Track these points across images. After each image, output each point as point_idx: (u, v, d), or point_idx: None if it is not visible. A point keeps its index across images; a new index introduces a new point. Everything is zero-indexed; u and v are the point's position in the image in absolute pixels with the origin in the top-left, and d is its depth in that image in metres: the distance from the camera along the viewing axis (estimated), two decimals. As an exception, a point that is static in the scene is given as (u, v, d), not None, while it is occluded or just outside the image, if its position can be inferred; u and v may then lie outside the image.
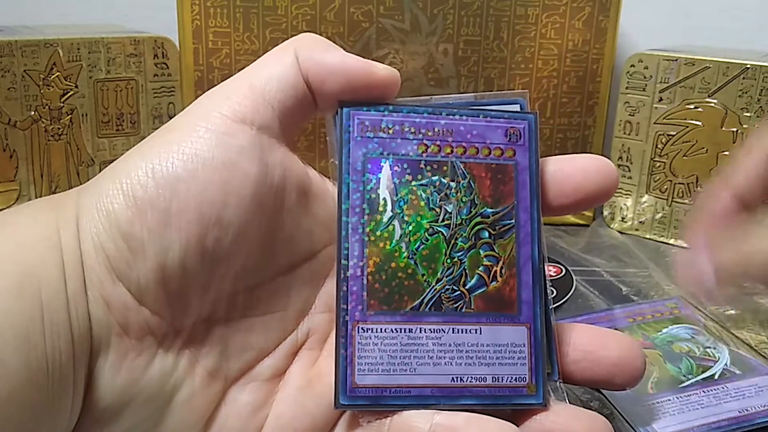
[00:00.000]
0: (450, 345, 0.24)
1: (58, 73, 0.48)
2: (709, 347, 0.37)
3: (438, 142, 0.25)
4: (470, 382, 0.24)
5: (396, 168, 0.25)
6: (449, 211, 0.25)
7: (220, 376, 0.25)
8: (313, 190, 0.26)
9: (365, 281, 0.24)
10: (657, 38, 0.59)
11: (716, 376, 0.34)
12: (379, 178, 0.25)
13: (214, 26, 0.50)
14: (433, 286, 0.25)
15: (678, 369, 0.35)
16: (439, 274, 0.25)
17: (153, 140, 0.24)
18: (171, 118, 0.51)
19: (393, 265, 0.24)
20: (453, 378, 0.24)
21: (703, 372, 0.35)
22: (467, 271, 0.25)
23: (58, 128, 0.49)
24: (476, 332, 0.24)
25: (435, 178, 0.25)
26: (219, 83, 0.25)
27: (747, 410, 0.32)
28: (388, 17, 0.51)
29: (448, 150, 0.25)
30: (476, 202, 0.25)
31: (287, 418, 0.25)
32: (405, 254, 0.25)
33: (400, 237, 0.25)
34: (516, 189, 0.25)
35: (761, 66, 0.48)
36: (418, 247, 0.25)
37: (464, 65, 0.53)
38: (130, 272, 0.22)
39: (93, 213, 0.23)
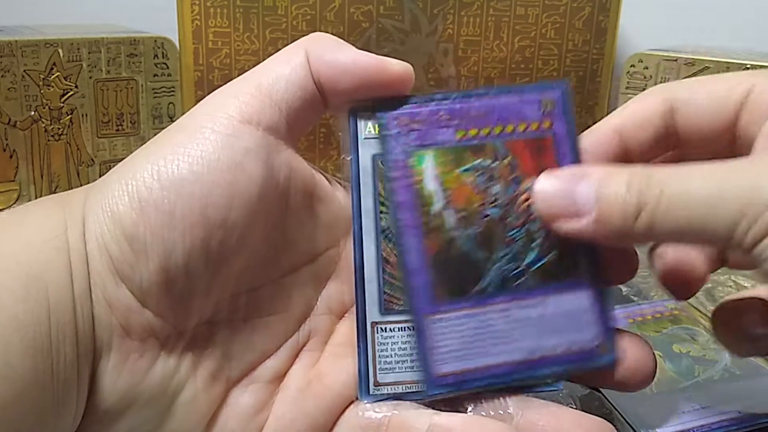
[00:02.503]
0: (519, 321, 0.24)
1: (58, 73, 0.48)
2: (709, 348, 0.37)
3: (474, 126, 0.25)
4: (544, 353, 0.24)
5: (438, 157, 0.25)
6: (496, 191, 0.25)
7: (221, 378, 0.25)
8: (318, 191, 0.26)
9: (428, 274, 0.24)
10: (657, 38, 0.59)
11: (716, 377, 0.34)
12: (424, 171, 0.25)
13: (214, 26, 0.50)
14: (493, 268, 0.25)
15: (678, 369, 0.35)
16: (496, 254, 0.25)
17: (159, 141, 0.24)
18: (171, 118, 0.52)
19: (451, 253, 0.24)
20: (527, 352, 0.24)
21: (703, 372, 0.35)
22: (523, 247, 0.25)
23: (58, 128, 0.49)
24: (542, 305, 0.25)
25: (477, 161, 0.25)
26: (219, 83, 0.25)
27: (748, 411, 0.32)
28: (388, 17, 0.51)
29: (486, 131, 0.25)
30: (521, 178, 0.25)
31: (287, 419, 0.25)
32: (460, 241, 0.25)
33: (453, 226, 0.25)
34: (557, 159, 0.25)
35: (761, 66, 0.48)
36: (472, 232, 0.25)
37: (464, 65, 0.53)
38: (133, 274, 0.22)
39: (99, 213, 0.23)
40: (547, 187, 0.23)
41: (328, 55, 0.24)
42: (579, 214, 0.22)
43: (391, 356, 0.25)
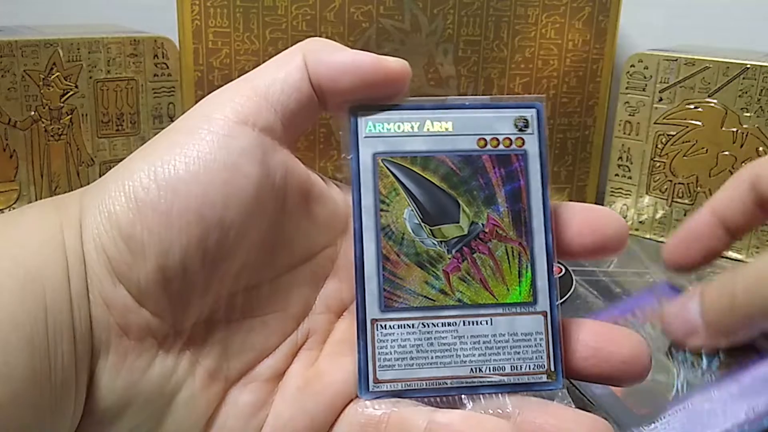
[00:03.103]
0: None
1: (58, 73, 0.48)
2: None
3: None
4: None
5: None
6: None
7: (220, 377, 0.25)
8: (314, 192, 0.26)
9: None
10: (657, 38, 0.59)
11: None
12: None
13: (214, 26, 0.50)
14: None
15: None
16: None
17: (156, 142, 0.24)
18: (171, 118, 0.52)
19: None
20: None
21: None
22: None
23: (58, 128, 0.49)
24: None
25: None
26: (219, 83, 0.25)
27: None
28: (388, 17, 0.51)
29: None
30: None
31: (286, 418, 0.25)
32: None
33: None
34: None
35: (761, 66, 0.48)
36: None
37: (464, 65, 0.53)
38: (130, 274, 0.22)
39: (95, 214, 0.23)
40: (671, 318, 0.30)
41: (326, 56, 0.24)
42: (696, 330, 0.30)
43: (391, 353, 0.25)
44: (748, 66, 0.48)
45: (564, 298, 0.43)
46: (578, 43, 0.53)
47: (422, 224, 0.25)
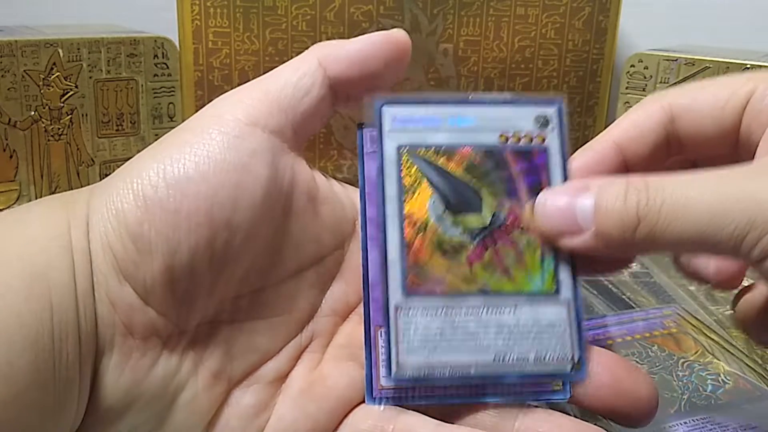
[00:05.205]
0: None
1: (58, 73, 0.48)
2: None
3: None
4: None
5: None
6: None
7: (223, 378, 0.25)
8: (321, 195, 0.26)
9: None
10: (657, 38, 0.59)
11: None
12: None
13: (214, 26, 0.49)
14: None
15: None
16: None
17: (166, 141, 0.24)
18: (171, 118, 0.52)
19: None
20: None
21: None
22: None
23: (58, 128, 0.49)
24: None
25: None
26: (219, 83, 0.25)
27: None
28: (388, 17, 0.51)
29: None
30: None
31: (288, 420, 0.25)
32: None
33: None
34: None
35: (761, 66, 0.48)
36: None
37: (464, 65, 0.53)
38: (137, 272, 0.22)
39: (103, 212, 0.23)
40: (549, 204, 0.24)
41: (337, 49, 0.25)
42: (580, 229, 0.23)
43: (415, 338, 0.24)
44: (748, 66, 0.48)
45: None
46: (578, 43, 0.53)
47: (445, 214, 0.25)
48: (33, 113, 0.48)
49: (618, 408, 0.25)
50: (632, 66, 0.52)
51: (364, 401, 0.25)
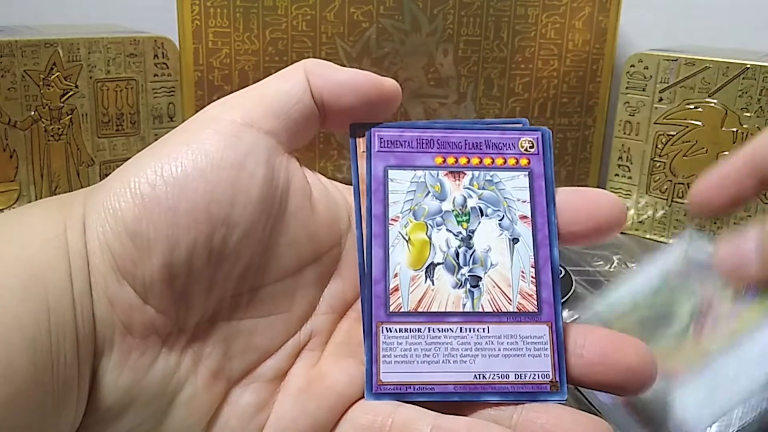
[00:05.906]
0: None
1: (58, 73, 0.48)
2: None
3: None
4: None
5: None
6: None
7: (222, 377, 0.25)
8: (316, 193, 0.26)
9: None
10: (657, 38, 0.59)
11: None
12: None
13: (214, 26, 0.50)
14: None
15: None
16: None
17: (163, 142, 0.24)
18: (171, 118, 0.52)
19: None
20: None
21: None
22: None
23: (58, 128, 0.49)
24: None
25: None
26: (219, 83, 0.26)
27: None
28: (388, 17, 0.51)
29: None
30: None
31: (288, 419, 0.25)
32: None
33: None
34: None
35: (761, 66, 0.48)
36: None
37: (464, 65, 0.53)
38: (135, 270, 0.22)
39: (100, 211, 0.23)
40: (724, 250, 0.29)
41: (328, 74, 0.26)
42: (749, 262, 0.28)
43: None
44: (748, 66, 0.48)
45: (564, 299, 0.43)
46: (578, 43, 0.53)
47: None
48: (33, 113, 0.48)
49: (611, 382, 0.25)
50: (632, 66, 0.52)
51: (363, 398, 0.25)
